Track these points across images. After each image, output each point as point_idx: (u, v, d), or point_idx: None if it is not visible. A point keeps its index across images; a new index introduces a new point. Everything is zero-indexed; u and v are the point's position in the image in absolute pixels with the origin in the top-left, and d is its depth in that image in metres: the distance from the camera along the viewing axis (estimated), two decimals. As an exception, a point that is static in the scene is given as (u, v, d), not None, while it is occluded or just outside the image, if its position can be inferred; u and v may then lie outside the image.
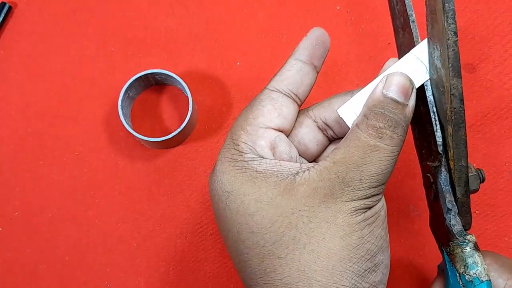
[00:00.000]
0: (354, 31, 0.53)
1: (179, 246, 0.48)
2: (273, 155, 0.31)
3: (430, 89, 0.31)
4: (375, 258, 0.29)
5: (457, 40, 0.27)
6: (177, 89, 0.52)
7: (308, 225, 0.28)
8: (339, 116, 0.31)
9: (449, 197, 0.32)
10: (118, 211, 0.49)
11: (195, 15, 0.53)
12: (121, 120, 0.48)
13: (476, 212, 0.48)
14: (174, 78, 0.49)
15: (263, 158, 0.30)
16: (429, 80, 0.31)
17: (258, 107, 0.32)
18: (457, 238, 0.32)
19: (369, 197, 0.29)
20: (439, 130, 0.31)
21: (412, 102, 0.30)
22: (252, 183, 0.29)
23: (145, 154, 0.50)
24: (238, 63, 0.52)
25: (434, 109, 0.31)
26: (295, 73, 0.33)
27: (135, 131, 0.48)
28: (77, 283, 0.47)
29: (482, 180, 0.33)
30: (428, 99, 0.31)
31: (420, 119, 0.33)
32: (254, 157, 0.30)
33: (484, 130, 0.50)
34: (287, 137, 0.33)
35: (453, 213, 0.32)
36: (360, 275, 0.28)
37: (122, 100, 0.48)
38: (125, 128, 0.48)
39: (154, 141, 0.47)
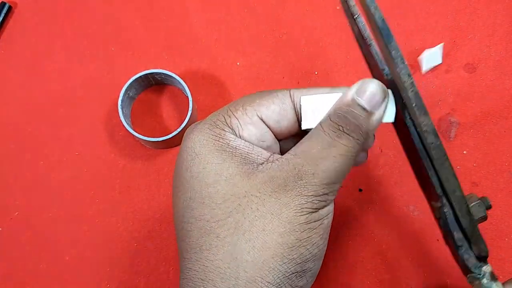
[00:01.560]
0: (354, 31, 0.53)
1: (179, 246, 0.48)
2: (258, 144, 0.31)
3: (417, 136, 0.32)
4: (306, 264, 0.29)
5: (413, 81, 0.28)
6: (177, 89, 0.52)
7: (255, 213, 0.28)
8: (299, 102, 0.32)
9: (457, 235, 0.32)
10: (118, 211, 0.49)
11: (195, 15, 0.53)
12: (121, 120, 0.48)
13: (476, 212, 0.48)
14: (174, 78, 0.49)
15: (240, 137, 0.31)
16: (414, 129, 0.32)
17: (268, 99, 0.32)
18: (473, 272, 0.32)
19: (319, 196, 0.29)
20: (434, 175, 0.32)
21: (380, 112, 0.31)
22: (219, 154, 0.30)
23: (145, 154, 0.50)
24: (238, 63, 0.52)
25: (425, 154, 0.32)
26: None
27: (135, 131, 0.48)
28: (77, 283, 0.47)
29: (488, 207, 0.33)
30: (417, 147, 0.32)
31: (416, 164, 0.34)
32: (232, 132, 0.31)
33: (484, 130, 0.50)
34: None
35: (464, 249, 0.32)
36: (286, 276, 0.28)
37: (122, 100, 0.48)
38: (125, 128, 0.48)
39: (154, 141, 0.47)
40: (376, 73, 0.35)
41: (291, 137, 0.34)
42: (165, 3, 0.54)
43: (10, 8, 0.53)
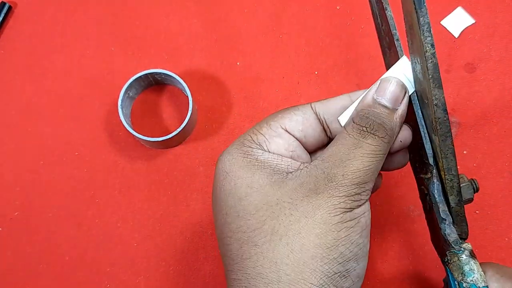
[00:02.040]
0: (354, 31, 0.53)
1: (179, 246, 0.48)
2: (290, 157, 0.32)
3: (418, 104, 0.32)
4: (348, 264, 0.29)
5: (435, 52, 0.28)
6: (177, 89, 0.52)
7: (289, 218, 0.29)
8: (340, 123, 0.33)
9: (442, 207, 0.32)
10: (118, 211, 0.49)
11: (195, 15, 0.53)
12: (121, 120, 0.48)
13: (476, 212, 0.48)
14: (174, 78, 0.49)
15: (269, 151, 0.31)
16: (416, 95, 0.32)
17: (290, 112, 0.33)
18: (453, 247, 0.32)
19: (351, 196, 0.29)
20: (428, 143, 0.32)
21: (402, 107, 0.31)
22: (248, 169, 0.30)
23: (145, 154, 0.50)
24: (238, 63, 0.52)
25: (423, 122, 0.32)
26: (338, 107, 0.33)
27: (135, 131, 0.48)
28: (77, 283, 0.47)
29: (476, 190, 0.34)
30: (416, 113, 0.32)
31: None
32: (260, 147, 0.31)
33: (484, 130, 0.50)
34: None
35: (447, 222, 0.32)
36: (329, 276, 0.28)
37: (122, 100, 0.48)
38: (125, 128, 0.48)
39: (154, 141, 0.47)
40: (384, 40, 0.35)
41: (322, 148, 0.34)
42: (165, 3, 0.54)
43: (10, 8, 0.53)
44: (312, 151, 0.34)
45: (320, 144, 0.34)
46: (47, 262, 0.48)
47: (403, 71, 0.32)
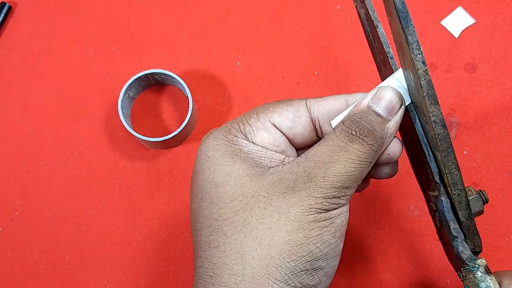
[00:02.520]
0: (354, 31, 0.53)
1: (179, 246, 0.48)
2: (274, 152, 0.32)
3: (418, 122, 0.32)
4: (316, 262, 0.29)
5: (427, 69, 0.27)
6: (177, 89, 0.52)
7: (262, 211, 0.29)
8: (331, 127, 0.32)
9: (453, 225, 0.32)
10: (118, 211, 0.49)
11: (195, 15, 0.53)
12: (121, 120, 0.48)
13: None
14: (174, 78, 0.49)
15: (253, 143, 0.31)
16: (416, 114, 0.32)
17: (282, 107, 0.32)
18: (467, 264, 0.32)
19: (328, 198, 0.29)
20: (433, 161, 0.32)
21: (396, 118, 0.30)
22: (230, 158, 0.30)
23: (145, 154, 0.50)
24: (238, 63, 0.52)
25: (425, 141, 0.32)
26: (334, 109, 0.32)
27: (135, 131, 0.48)
28: (77, 283, 0.47)
29: (485, 201, 0.33)
30: (418, 132, 0.32)
31: (414, 152, 0.34)
32: (245, 138, 0.31)
33: (484, 130, 0.50)
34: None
35: (459, 240, 0.32)
36: (295, 273, 0.28)
37: (122, 100, 0.48)
38: (125, 128, 0.48)
39: (154, 141, 0.47)
40: (379, 57, 0.35)
41: (310, 146, 0.34)
42: (165, 3, 0.54)
43: (10, 8, 0.53)
44: (300, 148, 0.33)
45: (309, 142, 0.33)
46: (47, 262, 0.48)
47: (401, 82, 0.32)
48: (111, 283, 0.47)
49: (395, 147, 0.32)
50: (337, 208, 0.29)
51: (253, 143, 0.31)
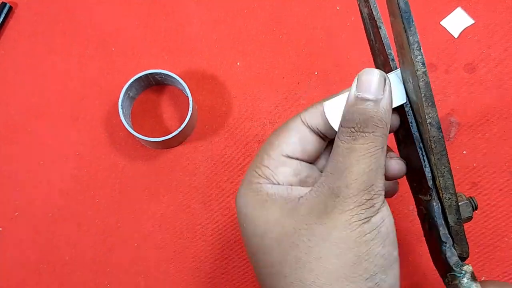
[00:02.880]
0: (354, 31, 0.53)
1: (179, 246, 0.48)
2: (298, 182, 0.32)
3: (415, 125, 0.32)
4: (375, 277, 0.28)
5: (426, 70, 0.27)
6: (177, 89, 0.52)
7: (308, 244, 0.28)
8: (323, 110, 0.32)
9: (442, 230, 0.32)
10: (118, 211, 0.49)
11: (195, 15, 0.53)
12: (121, 120, 0.48)
13: (476, 212, 0.48)
14: (174, 78, 0.49)
15: (277, 183, 0.31)
16: (414, 118, 0.31)
17: (284, 135, 0.32)
18: (454, 270, 0.32)
19: (362, 204, 0.28)
20: (428, 166, 0.31)
21: (387, 94, 0.30)
22: (262, 206, 0.30)
23: (145, 154, 0.50)
24: (238, 63, 0.52)
25: (421, 145, 0.31)
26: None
27: (135, 131, 0.48)
28: (77, 283, 0.47)
29: (475, 207, 0.33)
30: (414, 136, 0.32)
31: (407, 154, 0.34)
32: (268, 181, 0.31)
33: (484, 130, 0.50)
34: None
35: (448, 245, 0.32)
36: None
37: (122, 100, 0.48)
38: (125, 128, 0.48)
39: (154, 141, 0.47)
40: (379, 58, 0.35)
41: (325, 151, 0.34)
42: (165, 3, 0.54)
43: (10, 8, 0.53)
44: (316, 160, 0.33)
45: (322, 150, 0.33)
46: (47, 262, 0.48)
47: (399, 76, 0.31)
48: (111, 283, 0.47)
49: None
50: (376, 213, 0.29)
51: (277, 183, 0.31)
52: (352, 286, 0.27)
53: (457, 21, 0.53)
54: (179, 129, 0.47)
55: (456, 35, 0.52)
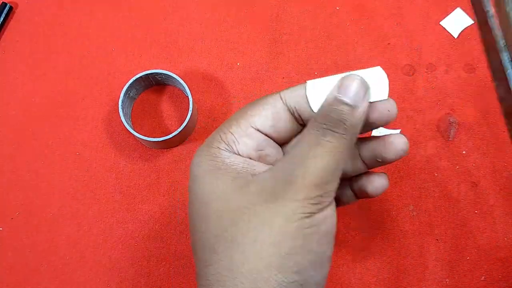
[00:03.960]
0: (354, 31, 0.53)
1: (179, 246, 0.48)
2: (258, 157, 0.31)
3: None
4: (305, 272, 0.28)
5: None
6: (177, 89, 0.52)
7: (247, 225, 0.28)
8: (305, 88, 0.31)
9: None
10: (118, 211, 0.49)
11: (195, 15, 0.54)
12: (121, 120, 0.48)
13: (476, 212, 0.48)
14: (174, 78, 0.49)
15: (237, 153, 0.31)
16: None
17: (259, 107, 0.32)
18: None
19: (311, 198, 0.28)
20: None
21: (363, 104, 0.30)
22: (214, 173, 0.30)
23: (145, 154, 0.50)
24: (238, 63, 0.52)
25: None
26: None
27: (136, 131, 0.48)
28: (77, 283, 0.47)
29: None
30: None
31: None
32: (229, 149, 0.31)
33: (484, 130, 0.50)
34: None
35: None
36: (284, 286, 0.27)
37: (122, 100, 0.48)
38: (126, 128, 0.48)
39: (154, 141, 0.47)
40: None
41: (294, 137, 0.33)
42: (165, 3, 0.54)
43: (11, 8, 0.53)
44: (285, 142, 0.33)
45: (292, 134, 0.33)
46: (47, 262, 0.48)
47: (374, 75, 0.31)
48: (111, 283, 0.47)
49: (391, 104, 0.31)
50: (322, 209, 0.28)
51: (236, 153, 0.31)
52: (279, 276, 0.27)
53: (457, 21, 0.53)
54: (179, 129, 0.47)
55: (456, 35, 0.53)
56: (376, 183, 0.33)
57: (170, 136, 0.47)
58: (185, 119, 0.48)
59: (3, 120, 0.51)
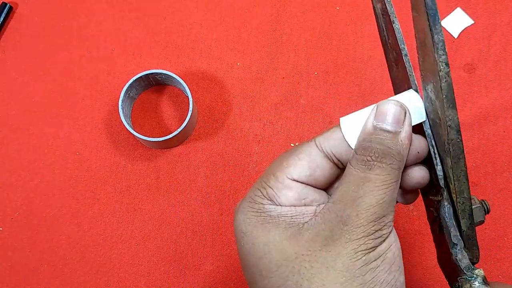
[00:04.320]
0: (354, 31, 0.53)
1: (179, 246, 0.48)
2: (303, 205, 0.31)
3: (428, 123, 0.31)
4: None
5: (449, 71, 0.26)
6: (177, 89, 0.52)
7: (310, 271, 0.28)
8: (340, 127, 0.31)
9: (454, 232, 0.31)
10: (118, 211, 0.49)
11: (195, 15, 0.54)
12: (121, 120, 0.48)
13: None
14: (174, 78, 0.49)
15: (280, 205, 0.30)
16: (426, 114, 0.31)
17: (294, 158, 0.31)
18: (464, 273, 0.31)
19: (370, 235, 0.28)
20: (439, 164, 0.30)
21: (406, 128, 0.29)
22: (263, 227, 0.30)
23: (145, 154, 0.50)
24: (238, 63, 0.52)
25: (433, 143, 0.31)
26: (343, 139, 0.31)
27: (136, 131, 0.48)
28: (77, 283, 0.47)
29: (487, 211, 0.32)
30: (426, 133, 0.31)
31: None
32: (271, 203, 0.31)
33: (484, 130, 0.50)
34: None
35: (459, 247, 0.31)
36: None
37: (122, 100, 0.48)
38: (126, 128, 0.48)
39: (154, 141, 0.47)
40: (391, 54, 0.34)
41: (337, 179, 0.33)
42: (165, 3, 0.54)
43: (11, 8, 0.53)
44: (327, 187, 0.32)
45: (333, 178, 0.32)
46: (48, 262, 0.48)
47: (409, 100, 0.31)
48: (111, 283, 0.47)
49: (421, 144, 0.31)
50: (383, 241, 0.28)
51: (280, 205, 0.30)
52: None
53: (456, 21, 0.53)
54: (179, 129, 0.47)
55: (455, 35, 0.53)
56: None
57: (170, 136, 0.47)
58: (185, 119, 0.48)
59: (3, 120, 0.51)
